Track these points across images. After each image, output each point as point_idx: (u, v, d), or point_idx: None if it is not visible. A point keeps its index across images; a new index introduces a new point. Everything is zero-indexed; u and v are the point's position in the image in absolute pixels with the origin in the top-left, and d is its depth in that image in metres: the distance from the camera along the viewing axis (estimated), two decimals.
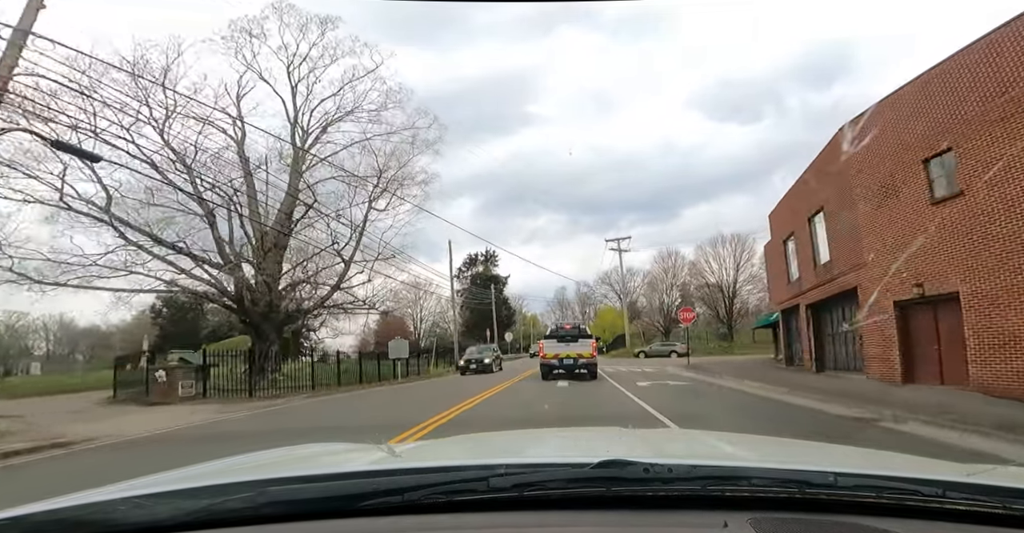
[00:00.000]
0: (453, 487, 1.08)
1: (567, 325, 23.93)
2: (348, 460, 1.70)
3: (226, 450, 2.00)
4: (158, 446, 9.58)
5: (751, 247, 59.44)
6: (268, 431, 10.71)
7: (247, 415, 14.06)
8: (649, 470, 1.08)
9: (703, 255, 61.18)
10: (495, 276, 68.22)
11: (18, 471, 7.70)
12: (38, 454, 8.70)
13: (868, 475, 1.13)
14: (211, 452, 2.10)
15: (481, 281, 66.74)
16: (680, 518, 1.05)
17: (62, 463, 8.14)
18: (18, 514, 1.06)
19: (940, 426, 8.11)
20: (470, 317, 66.70)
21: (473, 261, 69.97)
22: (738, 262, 59.16)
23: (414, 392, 20.88)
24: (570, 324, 24.22)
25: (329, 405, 16.63)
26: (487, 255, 69.95)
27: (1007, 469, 1.40)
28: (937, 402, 10.35)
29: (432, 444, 2.57)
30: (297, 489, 1.11)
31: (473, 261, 69.97)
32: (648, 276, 67.50)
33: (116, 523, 1.04)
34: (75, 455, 8.78)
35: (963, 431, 7.66)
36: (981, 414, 8.74)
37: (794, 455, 1.77)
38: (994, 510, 1.02)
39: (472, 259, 70.16)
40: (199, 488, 1.16)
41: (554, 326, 24.60)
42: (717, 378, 21.54)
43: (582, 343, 22.28)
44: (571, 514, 1.06)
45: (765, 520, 1.00)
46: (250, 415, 14.04)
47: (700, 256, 61.43)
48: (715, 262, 60.32)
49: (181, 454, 8.19)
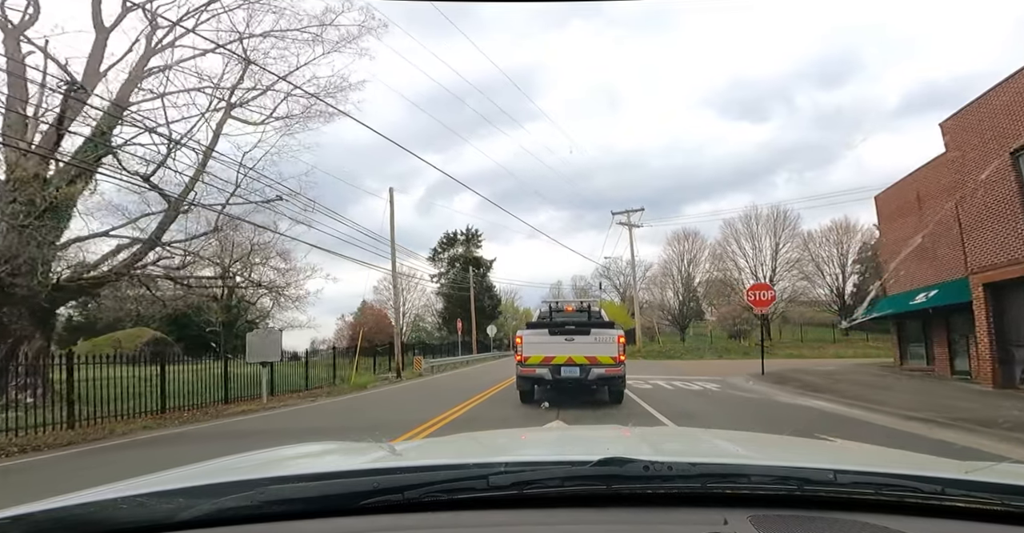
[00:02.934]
0: (453, 485, 1.06)
1: (569, 306, 13.89)
2: (348, 459, 1.66)
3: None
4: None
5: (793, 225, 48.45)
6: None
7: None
8: (649, 468, 1.07)
9: (732, 234, 50.00)
10: (477, 258, 56.76)
11: None
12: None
13: (867, 472, 1.12)
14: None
15: (461, 264, 55.35)
16: (680, 515, 1.03)
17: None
18: (19, 513, 1.04)
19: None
20: (446, 307, 55.36)
21: (452, 240, 58.46)
22: (778, 242, 48.03)
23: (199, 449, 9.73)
24: (574, 304, 14.08)
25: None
26: (469, 234, 58.51)
27: (1005, 466, 1.42)
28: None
29: (432, 442, 2.68)
30: (298, 488, 1.08)
31: (452, 240, 58.46)
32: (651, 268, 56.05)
33: (117, 522, 1.02)
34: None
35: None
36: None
37: (794, 452, 1.74)
38: (993, 507, 1.02)
39: (451, 238, 58.62)
40: (200, 487, 1.15)
41: (547, 307, 13.68)
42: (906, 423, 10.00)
43: (598, 337, 12.09)
44: (571, 512, 1.04)
45: (765, 517, 1.00)
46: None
47: (729, 235, 50.20)
48: (748, 243, 49.14)
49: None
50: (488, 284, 56.35)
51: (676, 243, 54.91)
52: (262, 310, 47.44)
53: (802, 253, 48.90)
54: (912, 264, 18.44)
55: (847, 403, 11.88)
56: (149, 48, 15.46)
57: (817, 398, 12.85)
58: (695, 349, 44.23)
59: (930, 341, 17.92)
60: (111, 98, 14.69)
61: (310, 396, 16.80)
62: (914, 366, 18.92)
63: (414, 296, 58.39)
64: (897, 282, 19.32)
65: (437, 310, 56.60)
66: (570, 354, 11.86)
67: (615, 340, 11.97)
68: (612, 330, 12.39)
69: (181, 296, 36.68)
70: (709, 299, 53.95)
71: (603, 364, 11.77)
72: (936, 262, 16.95)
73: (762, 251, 48.63)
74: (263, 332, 14.88)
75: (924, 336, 18.39)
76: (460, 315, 49.20)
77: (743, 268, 49.54)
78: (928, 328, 17.99)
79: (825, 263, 49.35)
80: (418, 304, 59.39)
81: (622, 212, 46.51)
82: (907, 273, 18.75)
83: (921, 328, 18.47)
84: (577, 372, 11.79)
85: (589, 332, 12.01)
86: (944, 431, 8.35)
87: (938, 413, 9.54)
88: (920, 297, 17.20)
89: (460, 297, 52.07)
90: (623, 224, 46.54)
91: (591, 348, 11.85)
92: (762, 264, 48.72)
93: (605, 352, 11.83)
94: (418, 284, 56.10)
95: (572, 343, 11.90)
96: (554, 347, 11.94)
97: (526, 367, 12.10)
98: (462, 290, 51.95)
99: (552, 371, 11.84)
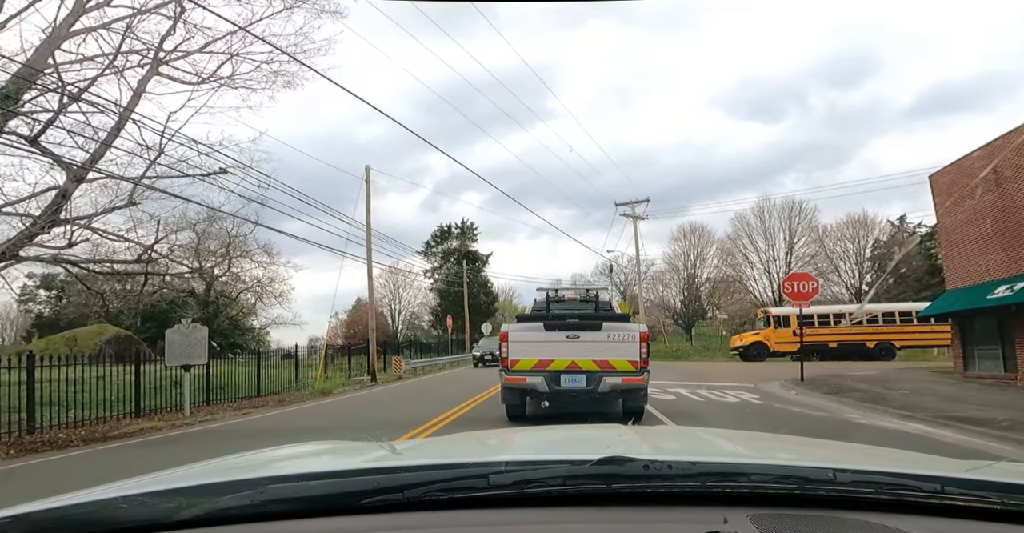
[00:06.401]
0: (454, 484, 1.06)
1: (572, 294, 10.89)
2: (349, 458, 1.65)
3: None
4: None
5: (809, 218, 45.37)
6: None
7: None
8: (649, 467, 1.07)
9: (743, 228, 46.84)
10: (472, 252, 53.48)
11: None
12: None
13: (867, 471, 1.12)
14: None
15: (456, 258, 52.11)
16: (680, 514, 1.03)
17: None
18: (19, 512, 1.03)
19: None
20: (440, 303, 52.17)
21: (447, 234, 55.20)
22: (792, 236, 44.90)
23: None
24: (577, 292, 11.06)
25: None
26: (464, 227, 55.24)
27: (1004, 465, 1.42)
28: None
29: (433, 441, 2.64)
30: (298, 487, 1.07)
31: (447, 234, 55.20)
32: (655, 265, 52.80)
33: (117, 521, 1.01)
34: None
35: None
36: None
37: (793, 451, 1.74)
38: (992, 506, 1.02)
39: (445, 231, 55.35)
40: (201, 486, 1.13)
41: (543, 296, 10.47)
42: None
43: (612, 334, 9.08)
44: (571, 511, 1.04)
45: (765, 516, 0.99)
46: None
47: (740, 229, 47.03)
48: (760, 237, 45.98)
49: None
50: (484, 280, 53.17)
51: (682, 238, 51.80)
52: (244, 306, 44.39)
53: (818, 248, 45.84)
54: (985, 252, 15.34)
55: (954, 427, 8.80)
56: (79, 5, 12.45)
57: (904, 417, 9.77)
58: (704, 349, 41.10)
59: (1011, 344, 14.81)
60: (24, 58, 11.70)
61: (253, 406, 13.62)
62: (984, 373, 15.82)
63: (410, 294, 55.48)
64: (965, 273, 16.20)
65: (431, 307, 53.54)
66: (573, 357, 9.00)
67: (637, 338, 8.98)
68: (632, 325, 9.42)
69: (157, 291, 33.24)
70: (716, 297, 50.74)
71: (619, 371, 8.88)
72: (1019, 249, 13.86)
73: (775, 245, 45.54)
74: (185, 328, 11.65)
75: (1000, 338, 15.27)
76: (455, 312, 46.01)
77: (754, 263, 46.41)
78: (1008, 328, 14.88)
79: (840, 259, 46.32)
80: (414, 302, 56.51)
81: (626, 203, 43.37)
82: (978, 263, 15.65)
83: (996, 328, 15.36)
84: (583, 381, 8.91)
85: (600, 327, 9.05)
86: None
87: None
88: (1002, 290, 14.09)
89: (455, 293, 48.91)
90: (627, 215, 43.38)
91: (603, 349, 8.96)
92: (775, 259, 45.66)
93: (622, 354, 8.91)
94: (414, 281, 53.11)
95: (576, 342, 9.00)
96: (552, 347, 9.05)
97: (512, 374, 9.15)
98: (457, 286, 48.78)
99: (549, 380, 8.95)
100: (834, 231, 46.40)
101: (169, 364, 11.76)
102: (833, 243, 46.33)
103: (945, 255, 18.16)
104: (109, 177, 12.00)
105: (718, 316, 44.72)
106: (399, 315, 56.09)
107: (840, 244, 46.44)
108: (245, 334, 46.06)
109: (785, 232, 45.53)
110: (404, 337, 50.57)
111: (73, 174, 11.73)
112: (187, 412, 11.66)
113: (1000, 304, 14.30)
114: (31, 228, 11.16)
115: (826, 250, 46.28)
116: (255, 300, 43.83)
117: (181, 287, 37.07)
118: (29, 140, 11.10)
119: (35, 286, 47.99)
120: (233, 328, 44.82)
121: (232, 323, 45.16)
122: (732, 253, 48.26)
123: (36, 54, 12.24)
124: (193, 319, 13.54)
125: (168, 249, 16.06)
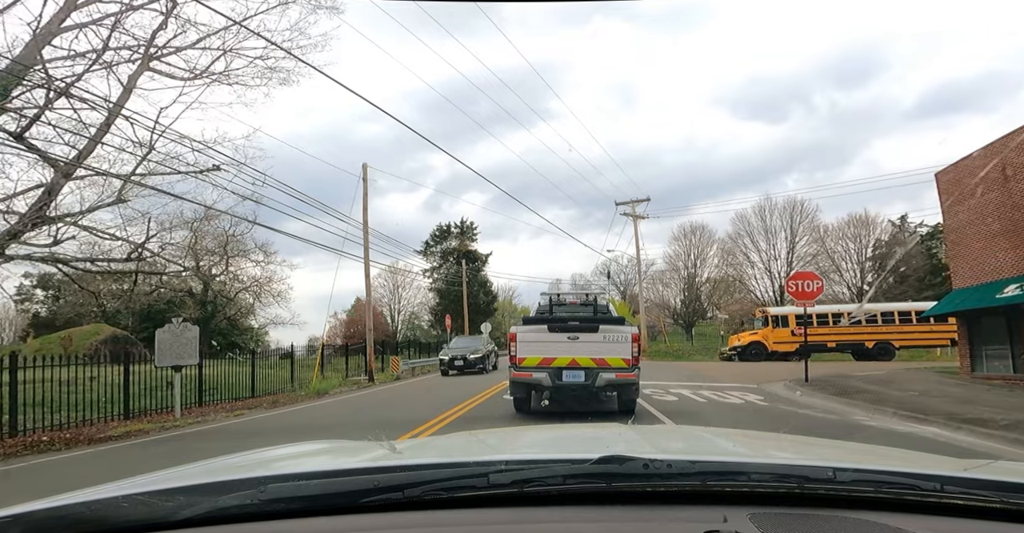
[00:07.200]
0: (453, 483, 1.06)
1: (572, 298, 11.83)
2: (348, 457, 1.64)
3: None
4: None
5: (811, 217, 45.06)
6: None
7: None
8: (649, 466, 1.07)
9: (744, 228, 46.53)
10: (472, 252, 53.17)
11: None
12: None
13: (866, 470, 1.12)
14: None
15: (455, 258, 51.80)
16: (680, 513, 1.03)
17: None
18: (19, 512, 1.03)
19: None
20: (439, 303, 51.87)
21: (446, 233, 54.90)
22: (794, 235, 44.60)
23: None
24: (577, 296, 12.01)
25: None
26: (463, 226, 54.92)
27: (1004, 464, 1.43)
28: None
29: (433, 441, 2.67)
30: (298, 486, 1.07)
31: (446, 233, 54.90)
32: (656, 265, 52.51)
33: (118, 520, 1.01)
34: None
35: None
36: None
37: (793, 450, 1.74)
38: (991, 504, 1.02)
39: (444, 231, 55.04)
40: (201, 485, 1.13)
41: (547, 300, 11.33)
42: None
43: (608, 336, 10.29)
44: (571, 510, 1.04)
45: (764, 515, 0.99)
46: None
47: (741, 228, 46.72)
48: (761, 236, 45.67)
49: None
50: (483, 279, 52.88)
51: (683, 238, 51.54)
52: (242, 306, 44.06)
53: (819, 248, 45.56)
54: (993, 251, 15.05)
55: (966, 430, 8.49)
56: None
57: (917, 420, 9.47)
58: (705, 349, 40.81)
59: (1020, 344, 14.52)
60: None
61: (247, 407, 13.32)
62: (992, 374, 15.52)
63: (409, 293, 55.23)
64: (972, 272, 15.90)
65: (430, 306, 53.27)
66: (574, 355, 10.20)
67: (629, 339, 10.18)
68: (625, 327, 10.44)
69: (154, 290, 32.73)
70: (716, 297, 50.47)
71: (613, 367, 10.07)
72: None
73: (776, 245, 45.24)
74: (176, 327, 11.35)
75: (1009, 338, 14.98)
76: (454, 312, 45.71)
77: (755, 263, 46.12)
78: (1017, 328, 14.59)
79: (842, 259, 46.03)
80: (414, 302, 56.24)
81: (627, 203, 43.08)
82: (985, 262, 15.36)
83: (1005, 328, 15.07)
84: (582, 377, 10.08)
85: (597, 329, 10.20)
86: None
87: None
88: (1011, 289, 13.80)
89: (455, 293, 48.64)
90: (627, 215, 43.10)
91: (599, 348, 10.16)
92: (776, 259, 45.37)
93: (616, 353, 10.12)
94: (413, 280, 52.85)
95: (576, 342, 10.18)
96: (555, 347, 10.23)
97: (520, 370, 10.31)
98: (457, 285, 48.50)
99: (552, 375, 10.15)
100: (835, 230, 46.21)
101: (159, 365, 11.49)
102: (834, 243, 46.12)
103: (951, 254, 17.86)
104: (98, 174, 11.72)
105: (719, 316, 44.43)
106: (398, 315, 56.09)
107: (841, 244, 46.22)
108: (244, 334, 45.85)
109: (787, 231, 45.31)
110: (403, 337, 50.38)
111: (61, 171, 11.43)
112: (178, 414, 11.38)
113: (1009, 303, 14.01)
114: (15, 225, 10.87)
115: (827, 250, 46.05)
116: (253, 300, 43.53)
117: (179, 287, 36.81)
118: (15, 136, 10.81)
119: (32, 286, 47.71)
120: (232, 328, 44.60)
121: (230, 323, 44.88)
122: (733, 252, 48.06)
123: (25, 50, 11.99)
124: (190, 319, 13.25)
125: (159, 247, 15.74)
